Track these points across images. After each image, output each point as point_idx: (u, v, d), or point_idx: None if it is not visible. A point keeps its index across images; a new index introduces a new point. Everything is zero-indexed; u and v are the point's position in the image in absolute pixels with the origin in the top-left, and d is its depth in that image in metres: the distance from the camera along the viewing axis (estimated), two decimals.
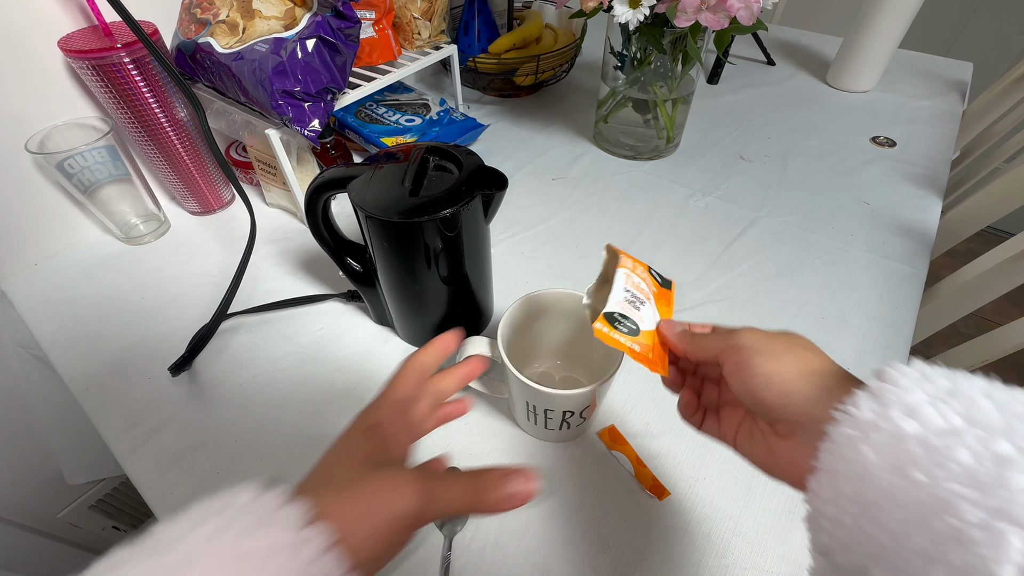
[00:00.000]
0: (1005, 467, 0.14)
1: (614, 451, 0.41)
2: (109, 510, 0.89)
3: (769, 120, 0.80)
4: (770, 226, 0.61)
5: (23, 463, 0.72)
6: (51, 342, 0.51)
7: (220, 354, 0.49)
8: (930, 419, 0.15)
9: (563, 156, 0.74)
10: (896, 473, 0.15)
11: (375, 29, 0.61)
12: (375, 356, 0.49)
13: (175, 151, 0.57)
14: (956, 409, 0.15)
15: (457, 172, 0.39)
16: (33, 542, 0.79)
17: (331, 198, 0.42)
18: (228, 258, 0.59)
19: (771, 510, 0.38)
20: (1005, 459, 0.14)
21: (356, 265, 0.45)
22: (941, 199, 0.64)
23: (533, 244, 0.60)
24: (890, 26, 0.77)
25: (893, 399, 0.16)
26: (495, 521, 0.37)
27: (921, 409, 0.16)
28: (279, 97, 0.49)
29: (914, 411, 0.16)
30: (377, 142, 0.68)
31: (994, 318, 1.46)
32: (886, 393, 0.17)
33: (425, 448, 0.41)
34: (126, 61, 0.49)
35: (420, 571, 0.35)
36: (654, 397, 0.44)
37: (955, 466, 0.14)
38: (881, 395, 0.17)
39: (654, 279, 0.32)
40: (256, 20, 0.51)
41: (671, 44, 0.59)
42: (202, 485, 0.40)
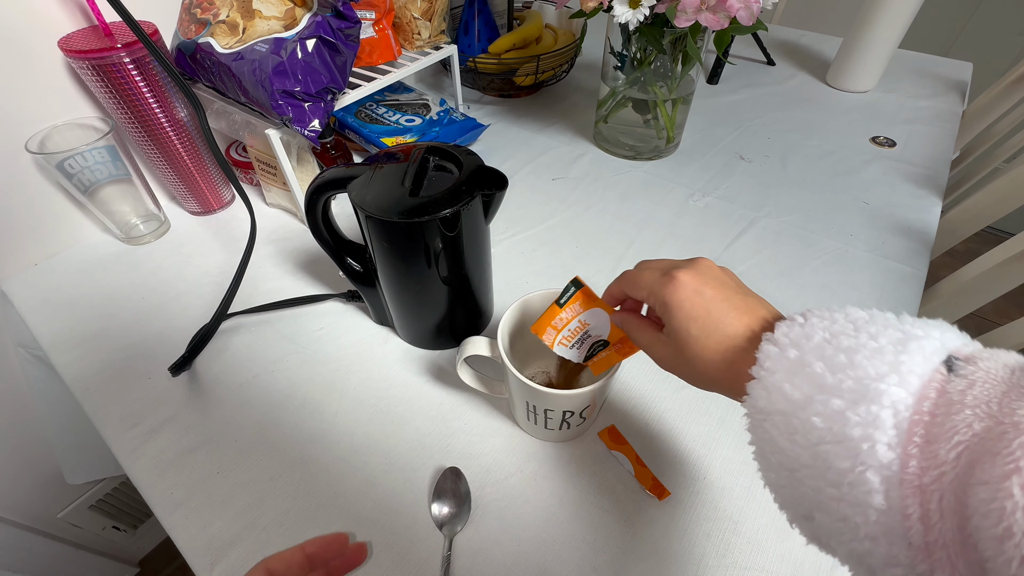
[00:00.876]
0: (843, 423, 0.17)
1: (614, 451, 0.41)
2: (109, 510, 0.89)
3: (769, 120, 0.80)
4: (770, 226, 0.61)
5: (23, 463, 0.72)
6: (51, 342, 0.51)
7: (220, 354, 0.49)
8: (791, 396, 0.19)
9: (563, 156, 0.74)
10: (792, 441, 0.19)
11: (375, 29, 0.61)
12: (375, 356, 0.49)
13: (175, 151, 0.57)
14: (804, 381, 0.19)
15: (457, 172, 0.39)
16: (33, 542, 0.79)
17: (331, 198, 0.42)
18: (228, 258, 0.59)
19: (771, 510, 0.37)
20: (841, 415, 0.17)
21: (356, 265, 0.46)
22: (941, 199, 0.64)
23: (533, 244, 0.60)
24: (890, 26, 0.77)
25: (769, 384, 0.20)
26: (495, 521, 0.38)
27: (783, 388, 0.19)
28: (279, 97, 0.49)
29: (781, 391, 0.19)
30: (377, 142, 0.68)
31: (994, 318, 1.46)
32: (764, 379, 0.20)
33: (426, 449, 0.42)
34: (126, 61, 0.49)
35: (420, 571, 0.35)
36: (654, 397, 0.44)
37: (815, 430, 0.18)
38: (762, 380, 0.20)
39: (570, 300, 0.34)
40: (256, 20, 0.51)
41: (671, 44, 0.59)
42: (202, 485, 0.40)
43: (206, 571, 0.36)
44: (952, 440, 0.15)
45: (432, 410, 0.44)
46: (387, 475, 0.40)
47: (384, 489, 0.39)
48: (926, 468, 0.15)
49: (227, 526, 0.38)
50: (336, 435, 0.43)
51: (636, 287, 0.28)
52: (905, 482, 0.16)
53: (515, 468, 0.40)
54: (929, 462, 0.15)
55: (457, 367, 0.40)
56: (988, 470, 0.14)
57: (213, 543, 0.37)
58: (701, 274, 0.25)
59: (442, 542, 0.36)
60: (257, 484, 0.40)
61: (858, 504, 0.16)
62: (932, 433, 0.16)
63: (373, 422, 0.44)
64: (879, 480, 0.16)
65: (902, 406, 0.16)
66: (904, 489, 0.16)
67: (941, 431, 0.16)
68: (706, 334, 0.24)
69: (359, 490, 0.39)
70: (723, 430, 0.42)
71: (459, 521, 0.37)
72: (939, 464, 0.15)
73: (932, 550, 0.15)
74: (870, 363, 0.17)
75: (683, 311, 0.25)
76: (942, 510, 0.15)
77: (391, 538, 0.37)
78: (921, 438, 0.16)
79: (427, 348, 0.49)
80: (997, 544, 0.13)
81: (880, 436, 0.16)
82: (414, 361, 0.48)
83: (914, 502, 0.15)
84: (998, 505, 0.13)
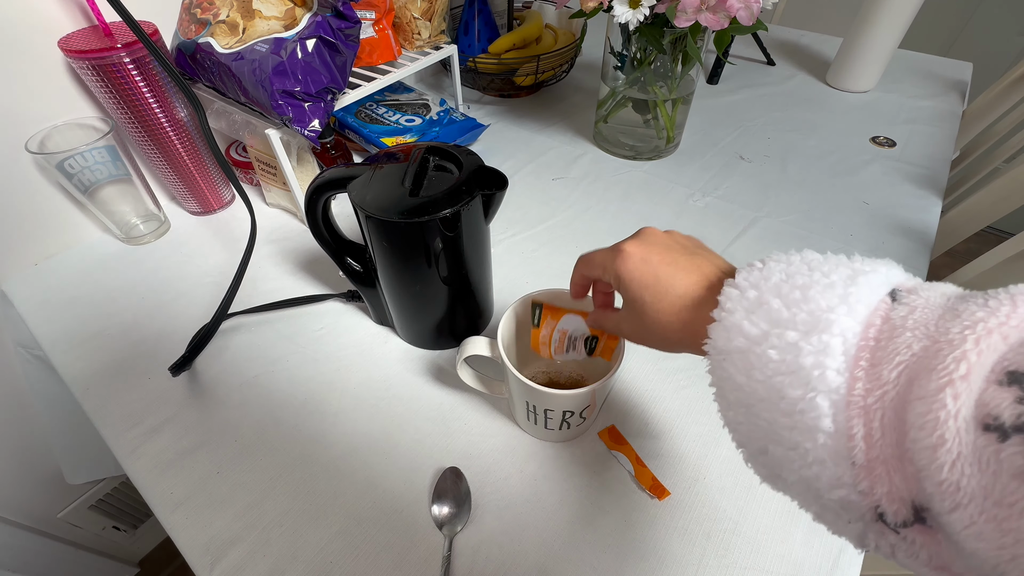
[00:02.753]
0: (797, 353, 0.18)
1: (614, 451, 0.41)
2: (109, 510, 0.89)
3: (769, 120, 0.80)
4: (770, 226, 0.61)
5: (23, 463, 0.72)
6: (51, 342, 0.51)
7: (220, 354, 0.49)
8: (749, 332, 0.20)
9: (563, 156, 0.74)
10: (749, 378, 0.19)
11: (375, 29, 0.61)
12: (375, 356, 0.49)
13: (175, 151, 0.57)
14: (761, 317, 0.19)
15: (457, 172, 0.39)
16: (33, 542, 0.79)
17: (331, 198, 0.42)
18: (228, 258, 0.59)
19: (771, 510, 0.38)
20: (794, 346, 0.18)
21: (356, 265, 0.46)
22: (941, 199, 0.64)
23: (533, 244, 0.60)
24: (890, 26, 0.77)
25: (729, 324, 0.20)
26: (495, 521, 0.38)
27: (742, 326, 0.20)
28: (279, 97, 0.49)
29: (739, 328, 0.20)
30: (377, 142, 0.68)
31: None
32: (724, 319, 0.21)
33: (426, 449, 0.42)
34: (126, 61, 0.49)
35: (420, 571, 0.35)
36: (654, 397, 0.45)
37: (771, 362, 0.18)
38: (722, 322, 0.21)
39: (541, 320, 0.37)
40: (256, 20, 0.51)
41: (671, 44, 0.59)
42: (202, 485, 0.40)
43: (206, 571, 0.36)
44: (894, 361, 0.16)
45: (432, 410, 0.44)
46: (387, 475, 0.40)
47: (384, 489, 0.39)
48: (870, 389, 0.17)
49: (227, 526, 0.38)
50: (336, 435, 0.43)
51: (591, 266, 0.30)
52: (851, 404, 0.17)
53: (515, 468, 0.40)
54: (873, 383, 0.17)
55: (457, 367, 0.40)
56: (924, 385, 0.15)
57: (213, 543, 0.37)
58: (646, 242, 0.27)
59: (442, 542, 0.36)
60: (257, 484, 0.40)
61: (808, 430, 0.17)
62: (876, 356, 0.17)
63: (373, 422, 0.44)
64: (828, 404, 0.17)
65: (850, 333, 0.17)
66: (850, 411, 0.17)
67: (884, 354, 0.17)
68: (658, 298, 0.25)
69: (359, 490, 0.39)
70: (723, 430, 0.42)
71: (459, 521, 0.37)
72: (882, 384, 0.16)
73: (873, 467, 0.16)
74: (822, 296, 0.18)
75: (635, 281, 0.26)
76: (883, 427, 0.16)
77: (391, 538, 0.37)
78: (867, 361, 0.17)
79: (427, 348, 0.49)
80: (931, 453, 0.14)
81: (830, 363, 0.17)
82: (414, 361, 0.48)
83: (859, 422, 0.16)
84: (933, 416, 0.14)
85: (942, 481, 0.14)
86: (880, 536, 0.17)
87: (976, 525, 0.14)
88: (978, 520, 0.13)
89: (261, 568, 0.36)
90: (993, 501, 0.13)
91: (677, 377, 0.46)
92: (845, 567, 0.35)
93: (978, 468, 0.14)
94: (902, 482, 0.16)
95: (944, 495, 0.14)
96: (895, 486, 0.16)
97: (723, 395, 0.21)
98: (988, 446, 0.14)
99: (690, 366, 0.47)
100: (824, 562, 0.35)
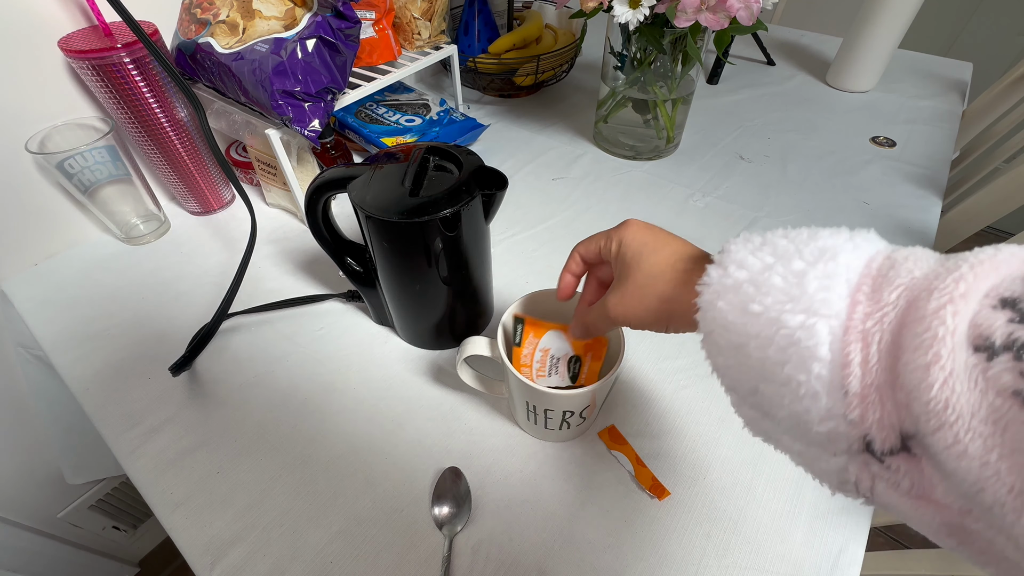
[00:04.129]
0: (801, 278, 0.19)
1: (614, 451, 0.41)
2: (109, 510, 0.89)
3: (769, 120, 0.80)
4: (770, 226, 0.60)
5: (23, 463, 0.72)
6: (51, 342, 0.51)
7: (220, 354, 0.49)
8: (752, 265, 0.20)
9: (563, 156, 0.74)
10: (743, 313, 0.20)
11: (375, 29, 0.61)
12: (375, 356, 0.49)
13: (175, 151, 0.57)
14: (767, 252, 0.21)
15: (457, 172, 0.39)
16: (33, 542, 0.79)
17: (331, 198, 0.42)
18: (228, 258, 0.59)
19: (771, 510, 0.38)
20: (801, 272, 0.19)
21: (356, 265, 0.46)
22: (941, 199, 0.64)
23: (533, 244, 0.60)
24: (890, 26, 0.77)
25: (729, 260, 0.21)
26: (495, 521, 0.38)
27: (746, 260, 0.21)
28: (279, 97, 0.49)
29: (742, 262, 0.21)
30: (377, 142, 0.68)
31: None
32: (724, 258, 0.22)
33: (426, 449, 0.42)
34: (126, 61, 0.49)
35: (420, 571, 0.35)
36: (654, 397, 0.45)
37: (775, 290, 0.19)
38: (721, 260, 0.22)
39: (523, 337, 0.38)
40: (256, 20, 0.51)
41: (671, 44, 0.59)
42: (202, 485, 0.40)
43: (206, 571, 0.36)
44: (894, 283, 0.17)
45: (432, 410, 0.44)
46: (387, 475, 0.40)
47: (384, 489, 0.39)
48: (870, 313, 0.17)
49: (227, 526, 0.38)
50: (336, 435, 0.43)
51: (591, 241, 0.32)
52: (850, 329, 0.17)
53: (515, 468, 0.40)
54: (873, 307, 0.17)
55: (457, 367, 0.40)
56: (923, 306, 0.16)
57: (213, 543, 0.37)
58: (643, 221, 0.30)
59: (442, 542, 0.36)
60: (257, 484, 0.40)
61: (802, 361, 0.18)
62: (877, 283, 0.18)
63: (373, 422, 0.44)
64: (827, 331, 0.17)
65: (855, 264, 0.18)
66: (848, 336, 0.17)
67: (885, 281, 0.17)
68: (655, 250, 0.28)
69: (359, 490, 0.39)
70: (723, 430, 0.42)
71: (459, 521, 0.37)
72: (881, 307, 0.17)
73: (866, 394, 0.17)
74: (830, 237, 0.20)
75: (636, 240, 0.29)
76: (880, 351, 0.16)
77: (391, 538, 0.37)
78: (868, 287, 0.18)
79: (427, 348, 0.49)
80: (923, 372, 0.15)
81: (835, 286, 0.18)
82: (414, 361, 0.48)
83: (856, 347, 0.17)
84: (931, 333, 0.15)
85: (931, 399, 0.14)
86: (863, 468, 0.17)
87: (960, 444, 0.14)
88: (963, 439, 0.14)
89: (261, 568, 0.36)
90: (979, 419, 0.14)
91: (677, 377, 0.46)
92: (845, 567, 0.35)
93: (966, 387, 0.14)
94: (893, 408, 0.16)
95: (931, 414, 0.15)
96: (886, 412, 0.16)
97: (713, 341, 0.22)
98: (977, 365, 0.14)
99: (690, 366, 0.47)
100: (824, 562, 0.35)
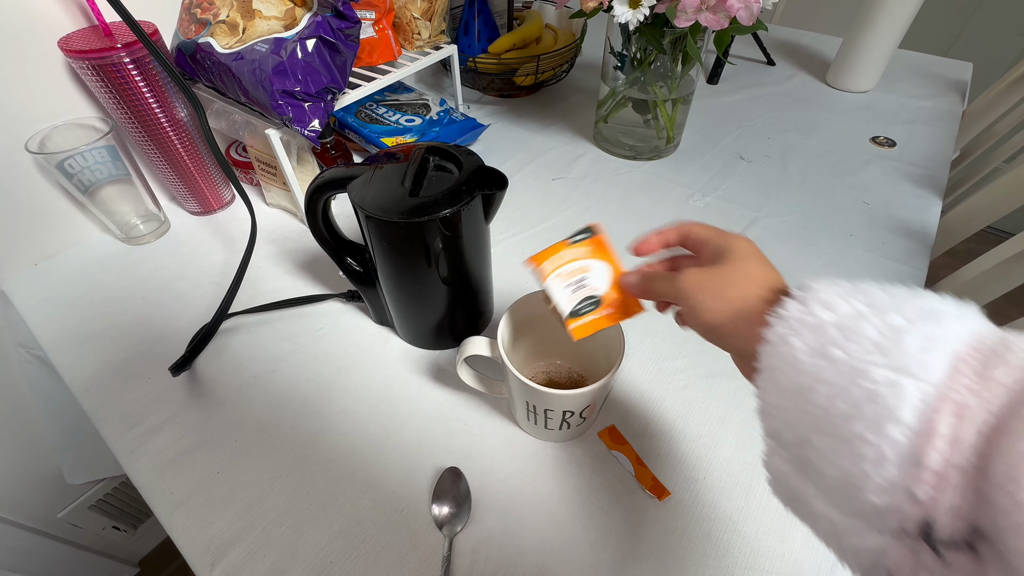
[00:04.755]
0: (899, 333, 0.17)
1: (614, 451, 0.41)
2: (109, 510, 0.89)
3: (769, 120, 0.80)
4: (770, 226, 0.61)
5: (23, 463, 0.72)
6: (51, 342, 0.51)
7: (220, 354, 0.49)
8: (841, 309, 0.19)
9: (563, 156, 0.74)
10: (819, 356, 0.18)
11: (375, 29, 0.61)
12: (375, 356, 0.49)
13: (175, 151, 0.57)
14: (860, 299, 0.19)
15: (457, 172, 0.39)
16: (33, 542, 0.79)
17: (331, 198, 0.42)
18: (228, 258, 0.59)
19: (771, 510, 0.38)
20: (899, 328, 0.17)
21: (356, 265, 0.46)
22: (941, 199, 0.64)
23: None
24: (890, 26, 0.77)
25: (812, 298, 0.20)
26: (495, 521, 0.38)
27: (834, 302, 0.19)
28: (279, 97, 0.49)
29: (829, 304, 0.19)
30: (377, 142, 0.68)
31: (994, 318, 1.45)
32: (807, 294, 0.20)
33: (426, 449, 0.42)
34: (126, 61, 0.49)
35: (420, 571, 0.35)
36: (654, 398, 0.45)
37: (864, 339, 0.18)
38: (803, 297, 0.20)
39: (576, 244, 0.33)
40: (256, 20, 0.51)
41: (671, 44, 0.59)
42: (202, 485, 0.40)
43: (206, 571, 0.36)
44: (1009, 363, 0.15)
45: (432, 410, 0.44)
46: (387, 475, 0.40)
47: (384, 489, 0.39)
48: (974, 389, 0.15)
49: (227, 526, 0.38)
50: (336, 435, 0.43)
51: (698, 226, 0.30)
52: (946, 399, 0.15)
53: (515, 468, 0.40)
54: (979, 383, 0.15)
55: (457, 367, 0.40)
56: None
57: (213, 543, 0.37)
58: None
59: (442, 542, 0.36)
60: (257, 484, 0.40)
61: (878, 420, 0.16)
62: (989, 360, 0.16)
63: (373, 422, 0.44)
64: (917, 395, 0.16)
65: (963, 333, 0.17)
66: (942, 406, 0.15)
67: (998, 359, 0.16)
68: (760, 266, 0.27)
69: (359, 490, 0.39)
70: (723, 430, 0.42)
71: (459, 521, 0.37)
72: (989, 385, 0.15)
73: (946, 474, 0.15)
74: (936, 300, 0.18)
75: (748, 248, 0.28)
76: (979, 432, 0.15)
77: (391, 538, 0.37)
78: (977, 362, 0.16)
79: (427, 348, 0.49)
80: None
81: (937, 351, 0.16)
82: (414, 361, 0.48)
83: (947, 420, 0.15)
84: None
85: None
86: (908, 555, 0.16)
87: None
88: None
89: (261, 568, 0.36)
90: None
91: (677, 377, 0.46)
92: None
93: None
94: (973, 497, 0.14)
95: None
96: (965, 499, 0.15)
97: (773, 378, 0.20)
98: None
99: (690, 366, 0.47)
100: (824, 562, 0.35)
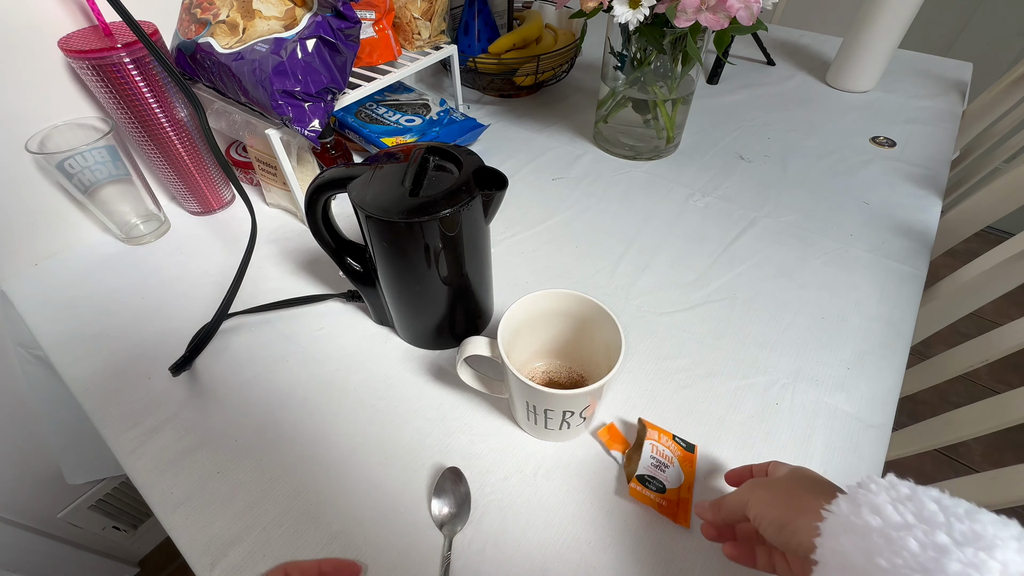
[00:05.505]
0: (943, 554, 0.18)
1: (614, 451, 0.41)
2: (109, 510, 0.89)
3: (769, 120, 0.80)
4: (770, 226, 0.61)
5: (23, 463, 0.72)
6: (51, 342, 0.51)
7: (220, 354, 0.49)
8: (890, 516, 0.20)
9: (563, 156, 0.74)
10: (867, 558, 0.19)
11: (375, 29, 0.61)
12: (375, 356, 0.49)
13: (175, 151, 0.57)
14: (910, 508, 0.20)
15: (457, 172, 0.39)
16: (33, 542, 0.79)
17: (331, 198, 0.42)
18: (228, 258, 0.59)
19: None
20: (943, 548, 0.18)
21: (356, 265, 0.46)
22: (941, 199, 0.64)
23: (533, 244, 0.60)
24: (890, 26, 0.77)
25: (863, 500, 0.21)
26: (495, 521, 0.38)
27: (883, 508, 0.20)
28: (279, 97, 0.49)
29: (878, 509, 0.20)
30: (377, 142, 0.68)
31: (994, 318, 1.46)
32: (859, 495, 0.21)
33: (426, 449, 0.42)
34: (126, 61, 0.49)
35: (420, 571, 0.35)
36: (654, 398, 0.45)
37: (907, 553, 0.18)
38: (855, 497, 0.21)
39: (679, 445, 0.40)
40: (256, 20, 0.51)
41: (671, 44, 0.59)
42: (202, 485, 0.40)
43: (206, 571, 0.36)
44: None
45: (432, 410, 0.44)
46: (387, 475, 0.40)
47: (384, 489, 0.39)
48: None
49: (227, 526, 0.38)
50: (336, 435, 0.43)
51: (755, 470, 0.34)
52: None
53: (515, 468, 0.40)
54: None
55: (457, 367, 0.40)
56: None
57: (213, 543, 0.37)
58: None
59: (442, 542, 0.36)
60: (257, 484, 0.40)
61: None
62: None
63: (373, 422, 0.44)
64: None
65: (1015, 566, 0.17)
66: None
67: None
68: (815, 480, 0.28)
69: (359, 490, 0.39)
70: (723, 430, 0.42)
71: (459, 521, 0.37)
72: None
73: None
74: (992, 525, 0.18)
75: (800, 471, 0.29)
76: None
77: (391, 538, 0.37)
78: None
79: (427, 348, 0.49)
80: None
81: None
82: (414, 361, 0.48)
83: None
84: None
85: None
86: None
87: None
88: None
89: (261, 568, 0.36)
90: None
91: (677, 377, 0.46)
92: None
93: None
94: None
95: None
96: None
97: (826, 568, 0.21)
98: None
99: (690, 366, 0.47)
100: None
